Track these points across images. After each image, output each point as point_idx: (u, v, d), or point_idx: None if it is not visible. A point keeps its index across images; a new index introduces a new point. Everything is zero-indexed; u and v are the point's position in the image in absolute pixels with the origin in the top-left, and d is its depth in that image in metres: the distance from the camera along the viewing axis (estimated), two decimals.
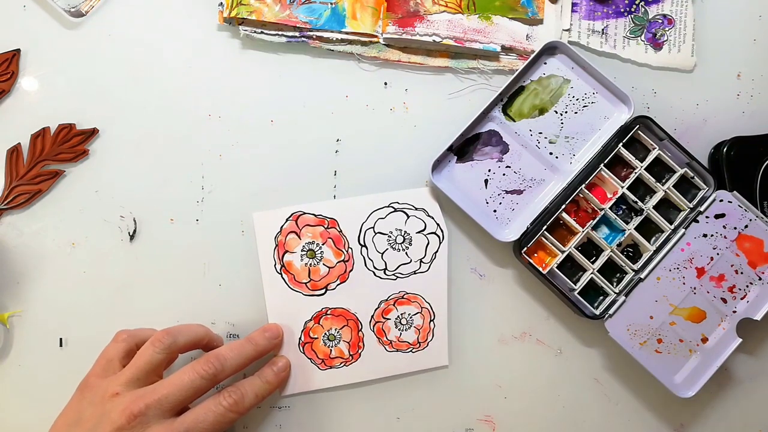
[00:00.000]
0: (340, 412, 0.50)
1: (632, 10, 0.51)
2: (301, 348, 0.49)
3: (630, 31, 0.51)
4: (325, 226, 0.49)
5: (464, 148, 0.50)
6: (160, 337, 0.43)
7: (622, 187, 0.49)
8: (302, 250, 0.49)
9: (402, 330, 0.50)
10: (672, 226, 0.49)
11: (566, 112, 0.50)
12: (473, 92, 0.51)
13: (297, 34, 0.49)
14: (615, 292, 0.49)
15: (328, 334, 0.49)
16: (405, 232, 0.50)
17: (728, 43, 0.52)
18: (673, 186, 0.49)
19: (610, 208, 0.49)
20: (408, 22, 0.49)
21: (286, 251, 0.49)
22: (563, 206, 0.48)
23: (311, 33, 0.49)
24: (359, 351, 0.49)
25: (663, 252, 0.48)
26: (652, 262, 0.49)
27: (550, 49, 0.49)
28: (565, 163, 0.50)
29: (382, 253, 0.49)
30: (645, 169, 0.49)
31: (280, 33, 0.49)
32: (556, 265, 0.48)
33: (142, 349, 0.43)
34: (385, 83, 0.50)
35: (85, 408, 0.41)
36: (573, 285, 0.49)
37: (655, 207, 0.49)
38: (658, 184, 0.49)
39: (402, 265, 0.50)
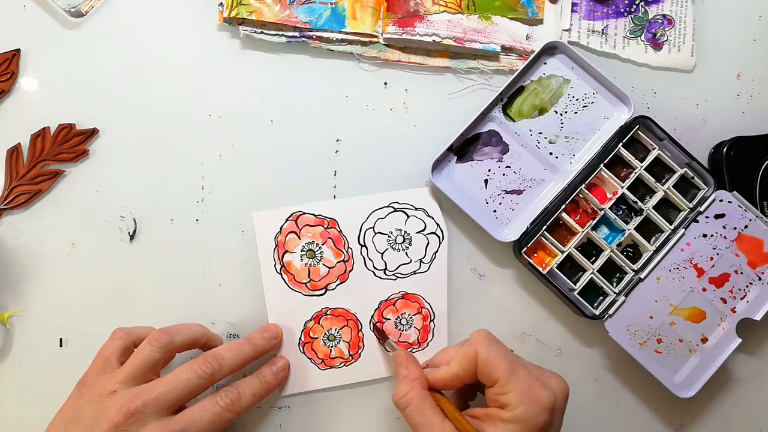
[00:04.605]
0: (340, 412, 0.50)
1: (632, 10, 0.51)
2: (301, 348, 0.49)
3: (630, 31, 0.51)
4: (325, 226, 0.49)
5: (464, 148, 0.50)
6: (157, 335, 0.43)
7: (622, 187, 0.49)
8: (302, 250, 0.49)
9: (402, 330, 0.50)
10: (672, 226, 0.49)
11: (566, 112, 0.50)
12: (473, 92, 0.51)
13: (297, 34, 0.49)
14: (615, 292, 0.49)
15: (328, 334, 0.49)
16: (405, 232, 0.50)
17: (728, 43, 0.52)
18: (673, 186, 0.49)
19: (610, 208, 0.49)
20: (408, 22, 0.49)
21: (286, 251, 0.49)
22: (563, 206, 0.48)
23: (311, 33, 0.49)
24: (359, 351, 0.49)
25: (663, 252, 0.48)
26: (652, 262, 0.49)
27: (550, 49, 0.49)
28: (565, 163, 0.50)
29: (382, 253, 0.49)
30: (645, 169, 0.49)
31: (280, 33, 0.49)
32: (556, 265, 0.48)
33: (139, 347, 0.43)
34: (385, 83, 0.50)
35: (82, 405, 0.41)
36: (573, 285, 0.49)
37: (655, 207, 0.49)
38: (658, 184, 0.49)
39: (402, 265, 0.49)
